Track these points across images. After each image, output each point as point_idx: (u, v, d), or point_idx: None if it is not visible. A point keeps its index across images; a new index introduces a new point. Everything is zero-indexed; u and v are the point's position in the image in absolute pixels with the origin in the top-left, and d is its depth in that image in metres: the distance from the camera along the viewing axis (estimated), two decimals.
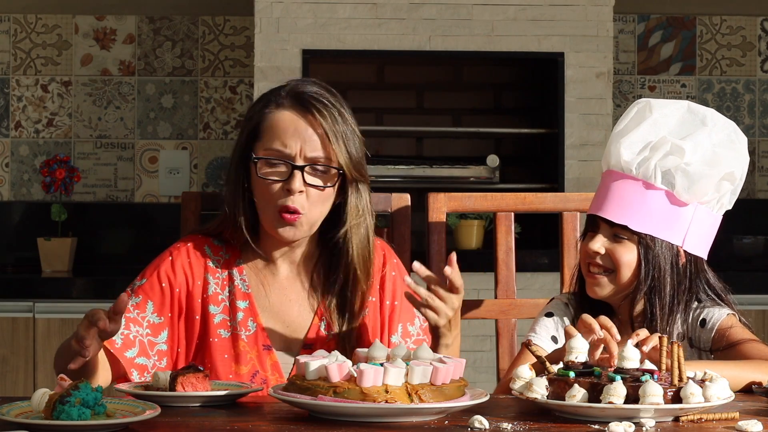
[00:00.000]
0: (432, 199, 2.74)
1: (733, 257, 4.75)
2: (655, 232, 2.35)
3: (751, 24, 4.97)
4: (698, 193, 2.35)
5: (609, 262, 2.37)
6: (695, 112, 2.39)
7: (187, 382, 2.04)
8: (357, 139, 2.32)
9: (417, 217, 2.91)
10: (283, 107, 2.31)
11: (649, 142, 2.36)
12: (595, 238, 2.37)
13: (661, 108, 2.39)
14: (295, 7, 4.31)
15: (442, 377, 1.91)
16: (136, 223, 4.77)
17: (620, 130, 2.40)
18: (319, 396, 1.87)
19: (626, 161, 2.35)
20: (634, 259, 2.36)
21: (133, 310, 2.33)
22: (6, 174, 4.77)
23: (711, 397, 1.90)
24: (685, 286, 2.38)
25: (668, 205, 2.35)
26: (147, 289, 2.35)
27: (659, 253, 2.35)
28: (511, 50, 4.37)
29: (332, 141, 2.28)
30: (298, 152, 2.28)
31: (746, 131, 4.95)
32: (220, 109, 4.81)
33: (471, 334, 4.19)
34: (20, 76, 4.78)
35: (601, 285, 2.38)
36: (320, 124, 2.28)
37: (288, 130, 2.29)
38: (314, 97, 2.30)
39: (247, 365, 2.33)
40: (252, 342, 2.35)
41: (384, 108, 4.70)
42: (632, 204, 2.34)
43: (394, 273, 2.44)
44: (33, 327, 4.13)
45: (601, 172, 2.45)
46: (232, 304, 2.36)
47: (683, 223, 2.36)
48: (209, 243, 2.40)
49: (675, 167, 2.33)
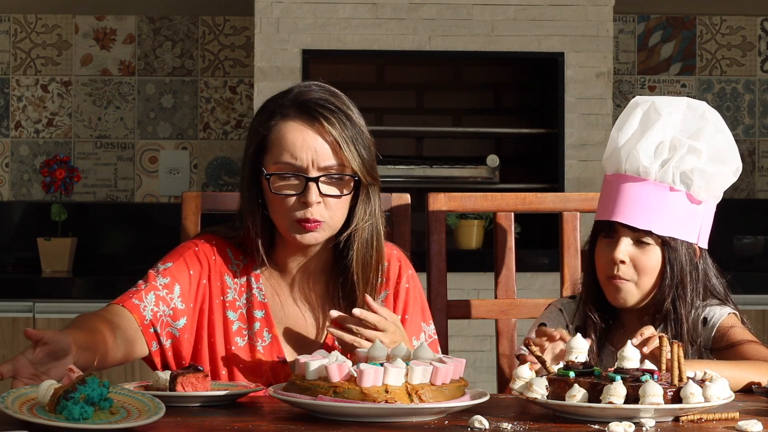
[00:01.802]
0: (432, 199, 2.74)
1: (733, 257, 4.75)
2: (676, 233, 2.35)
3: (751, 24, 4.97)
4: (714, 191, 2.37)
5: (631, 270, 2.36)
6: (695, 109, 2.40)
7: (187, 382, 2.04)
8: (367, 141, 2.27)
9: (417, 217, 2.91)
10: (289, 118, 2.25)
11: (660, 143, 2.35)
12: (619, 246, 2.35)
13: (666, 107, 2.39)
14: (295, 7, 4.31)
15: (442, 377, 1.91)
16: (136, 223, 4.77)
17: (632, 133, 2.38)
18: (319, 396, 1.87)
19: (645, 166, 2.34)
20: (659, 264, 2.35)
21: (162, 289, 2.28)
22: (6, 174, 4.77)
23: (711, 397, 1.90)
24: (701, 282, 2.39)
25: (686, 206, 2.35)
26: (175, 272, 2.30)
27: (682, 255, 2.35)
28: (511, 50, 4.37)
29: (343, 147, 2.23)
30: (310, 163, 2.23)
31: (746, 131, 4.96)
32: (220, 109, 4.81)
33: (471, 334, 4.19)
34: (20, 76, 4.78)
35: (627, 291, 2.36)
36: (329, 131, 2.23)
37: (297, 142, 2.23)
38: (320, 104, 2.25)
39: (263, 377, 2.30)
40: (268, 353, 2.32)
41: (384, 108, 4.70)
42: (654, 208, 2.33)
43: (407, 285, 2.40)
44: (33, 327, 4.12)
45: (605, 174, 2.43)
46: (249, 313, 2.33)
47: (698, 221, 2.37)
48: (230, 246, 2.36)
49: (692, 169, 2.33)
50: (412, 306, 2.40)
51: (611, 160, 2.40)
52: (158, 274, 2.30)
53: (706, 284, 2.41)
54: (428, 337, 2.41)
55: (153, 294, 2.27)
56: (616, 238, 2.36)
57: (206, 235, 2.38)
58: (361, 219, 2.29)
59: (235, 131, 4.80)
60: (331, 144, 2.23)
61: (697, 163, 2.33)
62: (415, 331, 2.39)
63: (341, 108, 2.26)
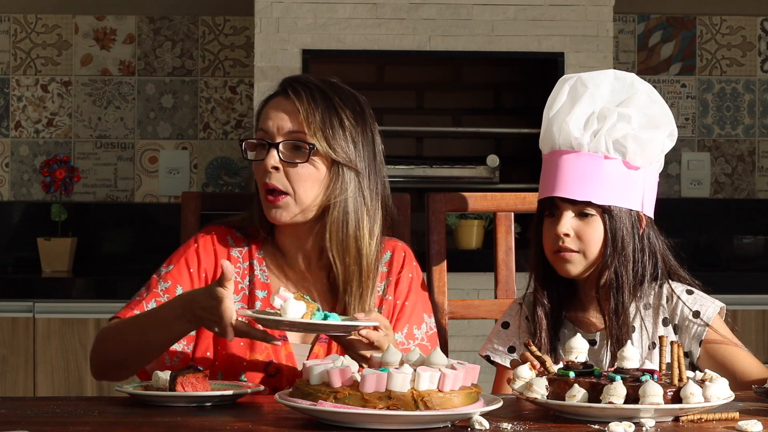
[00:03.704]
0: (432, 199, 2.74)
1: (733, 257, 4.75)
2: (617, 201, 2.36)
3: (751, 24, 4.97)
4: (650, 156, 2.38)
5: (576, 242, 2.37)
6: (622, 79, 2.42)
7: (187, 382, 2.04)
8: (346, 128, 2.35)
9: (417, 217, 2.91)
10: (272, 96, 2.39)
11: (591, 113, 2.37)
12: (562, 221, 2.37)
13: (593, 79, 2.41)
14: (295, 7, 4.31)
15: (450, 383, 1.87)
16: (136, 223, 4.77)
17: (559, 108, 2.41)
18: (320, 401, 1.85)
19: (576, 138, 2.36)
20: (602, 234, 2.37)
21: (164, 295, 2.36)
22: (6, 174, 4.77)
23: (711, 397, 1.90)
24: (648, 252, 2.40)
25: (624, 173, 2.37)
26: (175, 275, 2.38)
27: (623, 222, 2.37)
28: (511, 50, 4.37)
29: (302, 117, 2.32)
30: (275, 131, 2.34)
31: (746, 131, 4.96)
32: (220, 109, 4.81)
33: (471, 334, 4.19)
34: (20, 76, 4.78)
35: (574, 262, 2.38)
36: (294, 102, 2.34)
37: (269, 113, 2.36)
38: (298, 81, 2.37)
39: (262, 354, 2.34)
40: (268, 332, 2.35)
41: (384, 108, 4.70)
42: (590, 178, 2.35)
43: (411, 275, 2.45)
44: (33, 327, 4.13)
45: (543, 155, 2.44)
46: (251, 294, 2.39)
47: (639, 188, 2.39)
48: (231, 234, 2.44)
49: (624, 135, 2.35)
50: (414, 295, 2.44)
51: (545, 139, 2.43)
52: (160, 279, 2.38)
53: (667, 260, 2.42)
54: (429, 329, 2.44)
55: (154, 302, 2.35)
56: (558, 215, 2.38)
57: (208, 227, 2.47)
58: (333, 196, 2.34)
59: (235, 131, 4.80)
60: (292, 113, 2.34)
61: (628, 130, 2.35)
62: (417, 321, 2.42)
63: (324, 90, 2.36)
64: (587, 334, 2.42)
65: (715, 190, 4.91)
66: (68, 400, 2.15)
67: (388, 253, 2.45)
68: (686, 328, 2.40)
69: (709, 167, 4.92)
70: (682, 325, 2.40)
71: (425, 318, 2.44)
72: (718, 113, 4.95)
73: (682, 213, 4.85)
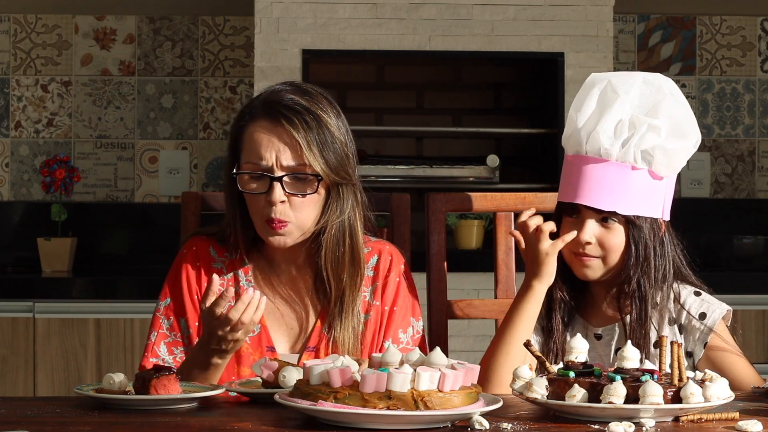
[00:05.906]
0: (431, 199, 2.74)
1: (733, 257, 4.75)
2: (641, 211, 2.37)
3: (751, 24, 4.97)
4: (675, 166, 2.39)
5: (598, 249, 2.38)
6: (650, 83, 2.41)
7: (161, 384, 2.03)
8: (337, 142, 2.31)
9: (417, 217, 2.91)
10: (256, 118, 2.32)
11: (619, 121, 2.37)
12: (585, 228, 2.37)
13: (623, 84, 2.40)
14: (295, 7, 4.31)
15: (450, 383, 1.87)
16: (136, 223, 4.77)
17: (590, 115, 2.40)
18: (320, 401, 1.85)
19: (606, 148, 2.36)
20: (623, 241, 2.38)
21: (170, 333, 2.37)
22: (6, 174, 4.77)
23: (711, 397, 1.90)
24: (666, 255, 2.41)
25: (649, 183, 2.38)
26: (175, 308, 2.39)
27: (646, 232, 2.38)
28: (511, 50, 4.37)
29: (305, 149, 2.27)
30: (274, 163, 2.29)
31: (746, 131, 4.96)
32: (220, 109, 4.81)
33: (471, 334, 4.19)
34: (20, 76, 4.78)
35: (593, 267, 2.39)
36: (290, 133, 2.28)
37: (262, 141, 2.30)
38: (286, 105, 2.30)
39: (249, 367, 2.33)
40: (255, 343, 2.35)
41: (384, 108, 4.70)
42: (616, 188, 2.36)
43: (398, 279, 2.43)
44: (33, 327, 4.13)
45: (566, 155, 2.43)
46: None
47: (661, 196, 2.40)
48: (213, 244, 2.42)
49: (653, 147, 2.35)
50: (402, 299, 2.42)
51: (571, 140, 2.42)
52: (162, 317, 2.39)
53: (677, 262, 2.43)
54: (416, 333, 2.42)
55: (164, 344, 2.37)
56: (581, 219, 2.39)
57: (192, 240, 2.45)
58: (332, 217, 2.33)
59: None
60: (292, 145, 2.28)
61: (657, 141, 2.35)
62: (403, 325, 2.41)
63: (310, 109, 2.31)
64: (595, 328, 2.43)
65: (715, 190, 4.91)
66: (68, 400, 2.14)
67: (375, 257, 2.43)
68: (692, 329, 2.41)
69: (709, 167, 4.92)
70: (687, 325, 2.41)
71: (412, 322, 2.42)
72: (718, 113, 4.95)
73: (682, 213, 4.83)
